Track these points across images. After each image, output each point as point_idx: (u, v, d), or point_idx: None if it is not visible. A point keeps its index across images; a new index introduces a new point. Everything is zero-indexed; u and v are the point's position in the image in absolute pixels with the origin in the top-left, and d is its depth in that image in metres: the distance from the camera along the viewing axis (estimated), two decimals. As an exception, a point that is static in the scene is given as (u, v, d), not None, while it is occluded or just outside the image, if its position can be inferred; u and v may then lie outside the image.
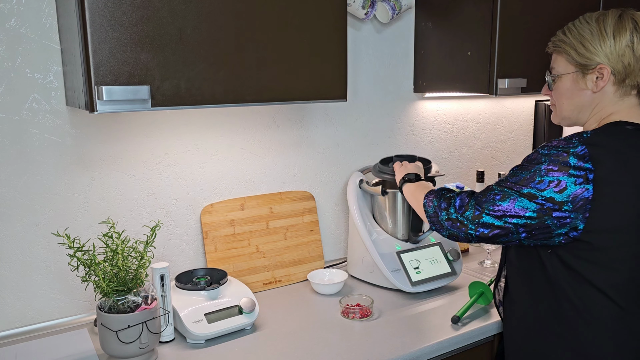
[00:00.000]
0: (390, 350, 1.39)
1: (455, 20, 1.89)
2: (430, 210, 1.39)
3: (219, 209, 1.74)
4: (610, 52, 1.23)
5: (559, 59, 1.32)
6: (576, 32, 1.27)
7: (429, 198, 1.41)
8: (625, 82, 1.25)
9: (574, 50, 1.27)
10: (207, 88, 1.31)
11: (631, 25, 1.22)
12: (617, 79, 1.25)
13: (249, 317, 1.49)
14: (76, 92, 1.32)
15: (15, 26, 1.40)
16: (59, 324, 1.54)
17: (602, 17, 1.26)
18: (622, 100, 1.27)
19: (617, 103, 1.27)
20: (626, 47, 1.22)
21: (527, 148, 2.53)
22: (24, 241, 1.49)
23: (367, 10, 1.85)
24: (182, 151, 1.69)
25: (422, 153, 2.19)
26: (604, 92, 1.27)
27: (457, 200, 1.33)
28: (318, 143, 1.94)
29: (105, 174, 1.57)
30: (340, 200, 2.01)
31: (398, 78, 2.07)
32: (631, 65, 1.23)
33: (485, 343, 1.54)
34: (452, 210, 1.32)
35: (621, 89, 1.26)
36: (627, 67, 1.23)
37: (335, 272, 1.81)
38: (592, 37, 1.25)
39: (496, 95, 1.80)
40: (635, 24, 1.23)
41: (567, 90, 1.31)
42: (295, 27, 1.41)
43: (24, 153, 1.46)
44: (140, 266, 1.33)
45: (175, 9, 1.25)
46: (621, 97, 1.27)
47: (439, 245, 1.82)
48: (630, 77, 1.24)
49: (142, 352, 1.31)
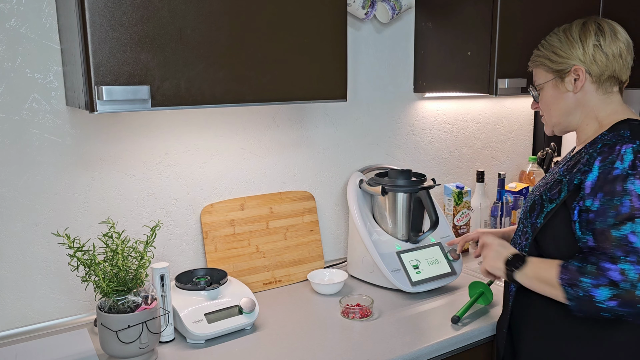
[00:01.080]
0: (390, 350, 1.39)
1: (455, 20, 1.89)
2: (581, 293, 1.18)
3: (219, 209, 1.74)
4: (581, 53, 1.32)
5: (537, 71, 1.42)
6: (547, 45, 1.38)
7: (570, 278, 1.20)
8: (602, 79, 1.33)
9: (548, 59, 1.37)
10: (207, 88, 1.31)
11: (594, 27, 1.32)
12: (593, 78, 1.33)
13: (249, 317, 1.49)
14: (76, 92, 1.32)
15: (15, 26, 1.40)
16: (59, 324, 1.54)
17: (567, 27, 1.37)
18: (608, 97, 1.35)
19: (605, 101, 1.35)
20: (594, 46, 1.31)
21: (527, 148, 2.53)
22: (23, 241, 1.49)
23: (367, 10, 1.85)
24: (182, 151, 1.69)
25: (422, 153, 2.19)
26: (585, 92, 1.34)
27: (607, 269, 1.16)
28: (318, 143, 1.94)
29: (105, 174, 1.57)
30: (340, 200, 2.01)
31: (398, 78, 2.07)
32: (603, 62, 1.31)
33: (485, 343, 1.54)
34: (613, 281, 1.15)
35: (601, 86, 1.34)
36: (601, 65, 1.32)
37: (335, 272, 1.81)
38: (562, 44, 1.35)
39: (496, 95, 1.80)
40: (598, 26, 1.32)
41: (550, 97, 1.39)
42: (295, 27, 1.41)
43: (24, 153, 1.46)
44: (140, 266, 1.33)
45: (175, 9, 1.25)
46: (605, 94, 1.35)
47: (439, 245, 1.82)
48: (605, 73, 1.32)
49: (142, 352, 1.31)
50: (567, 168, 1.33)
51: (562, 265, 1.23)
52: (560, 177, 1.33)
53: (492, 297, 1.62)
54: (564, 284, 1.20)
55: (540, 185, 1.41)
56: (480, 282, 1.63)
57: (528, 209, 1.39)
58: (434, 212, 1.80)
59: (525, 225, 1.40)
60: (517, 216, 2.11)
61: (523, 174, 2.43)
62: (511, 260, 1.34)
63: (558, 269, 1.23)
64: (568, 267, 1.21)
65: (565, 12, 1.84)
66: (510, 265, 1.34)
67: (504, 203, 2.12)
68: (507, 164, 2.47)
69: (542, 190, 1.37)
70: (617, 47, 1.31)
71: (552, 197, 1.32)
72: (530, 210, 1.38)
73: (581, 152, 1.33)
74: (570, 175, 1.29)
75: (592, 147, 1.30)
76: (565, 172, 1.32)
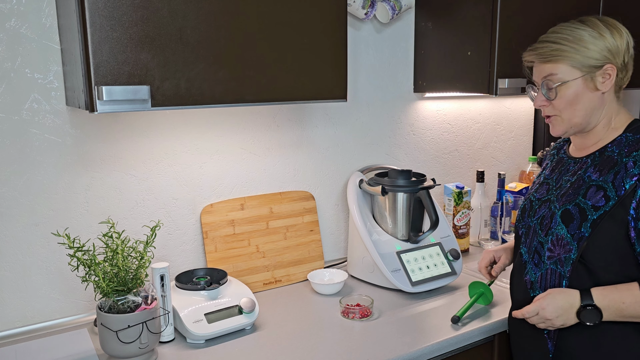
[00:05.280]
0: (390, 350, 1.39)
1: (455, 20, 1.89)
2: None
3: (219, 209, 1.74)
4: (613, 49, 1.26)
5: (558, 66, 1.28)
6: (571, 38, 1.27)
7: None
8: (624, 80, 1.30)
9: (577, 54, 1.26)
10: (207, 88, 1.31)
11: (621, 25, 1.28)
12: (618, 77, 1.29)
13: (249, 317, 1.49)
14: (76, 92, 1.32)
15: (15, 26, 1.40)
16: (59, 324, 1.54)
17: (587, 21, 1.29)
18: (618, 99, 1.33)
19: (616, 102, 1.33)
20: (627, 44, 1.28)
21: (527, 148, 2.53)
22: (23, 241, 1.49)
23: (367, 10, 1.85)
24: (182, 151, 1.69)
25: (422, 153, 2.19)
26: (609, 92, 1.30)
27: None
28: (318, 143, 1.94)
29: (105, 174, 1.57)
30: (340, 200, 2.01)
31: (398, 78, 2.07)
32: (626, 62, 1.29)
33: (485, 343, 1.54)
34: None
35: (616, 86, 1.31)
36: (626, 65, 1.29)
37: (335, 272, 1.81)
38: (594, 39, 1.26)
39: (496, 95, 1.80)
40: (622, 25, 1.29)
41: (576, 96, 1.28)
42: (296, 27, 1.41)
43: (24, 153, 1.46)
44: (140, 266, 1.33)
45: (175, 9, 1.25)
46: (616, 95, 1.33)
47: (439, 245, 1.82)
48: (627, 74, 1.30)
49: (142, 352, 1.31)
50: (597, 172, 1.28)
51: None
52: (597, 183, 1.27)
53: (492, 297, 1.62)
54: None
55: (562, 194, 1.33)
56: (480, 282, 1.63)
57: (559, 219, 1.30)
58: (434, 212, 1.80)
59: (559, 237, 1.30)
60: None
61: (523, 174, 2.43)
62: (584, 315, 1.23)
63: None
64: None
65: (565, 11, 1.84)
66: (586, 320, 1.24)
67: (504, 203, 2.12)
68: (507, 164, 2.47)
69: (573, 198, 1.30)
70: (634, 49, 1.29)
71: (595, 204, 1.25)
72: (565, 220, 1.29)
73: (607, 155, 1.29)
74: (614, 180, 1.24)
75: (629, 149, 1.26)
76: (601, 176, 1.27)
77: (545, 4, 1.84)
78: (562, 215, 1.30)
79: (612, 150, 1.29)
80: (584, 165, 1.33)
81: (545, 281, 1.33)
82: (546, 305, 1.26)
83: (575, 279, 1.28)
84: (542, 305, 1.27)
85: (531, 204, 1.42)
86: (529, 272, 1.38)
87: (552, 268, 1.31)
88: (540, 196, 1.41)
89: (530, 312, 1.29)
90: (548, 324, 1.28)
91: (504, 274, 1.79)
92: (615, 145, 1.29)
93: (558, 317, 1.25)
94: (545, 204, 1.37)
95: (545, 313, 1.26)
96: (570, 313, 1.25)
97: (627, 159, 1.25)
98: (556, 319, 1.26)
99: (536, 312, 1.28)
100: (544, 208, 1.37)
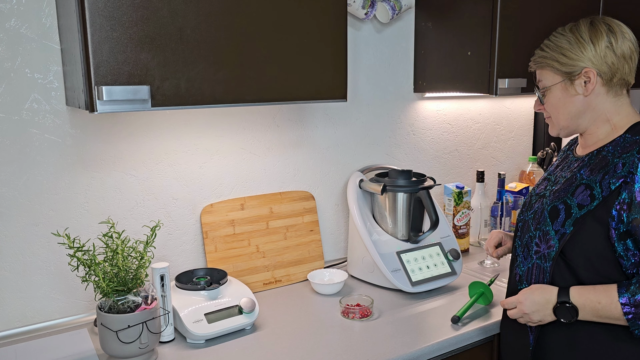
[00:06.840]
0: (390, 350, 1.39)
1: (455, 20, 1.89)
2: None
3: (219, 209, 1.74)
4: (592, 55, 1.27)
5: (544, 73, 1.35)
6: (554, 46, 1.32)
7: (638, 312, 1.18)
8: (613, 82, 1.29)
9: (556, 61, 1.31)
10: (207, 88, 1.31)
11: (605, 28, 1.28)
12: (604, 80, 1.29)
13: (249, 317, 1.49)
14: (76, 92, 1.32)
15: (15, 26, 1.40)
16: (59, 324, 1.54)
17: (575, 27, 1.31)
18: (619, 100, 1.31)
19: (616, 104, 1.31)
20: (606, 48, 1.27)
21: (527, 148, 2.53)
22: (23, 241, 1.49)
23: (367, 10, 1.85)
24: (182, 151, 1.69)
25: (422, 153, 2.19)
26: (596, 95, 1.30)
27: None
28: (318, 143, 1.94)
29: (105, 174, 1.57)
30: (340, 200, 2.01)
31: (398, 78, 2.07)
32: (615, 64, 1.28)
33: (485, 343, 1.54)
34: None
35: (612, 89, 1.30)
36: (612, 67, 1.28)
37: (335, 272, 1.81)
38: (571, 45, 1.30)
39: (496, 95, 1.80)
40: (608, 27, 1.28)
41: (559, 100, 1.33)
42: (296, 27, 1.41)
43: (24, 153, 1.46)
44: (140, 266, 1.33)
45: (175, 9, 1.25)
46: (615, 96, 1.31)
47: (439, 245, 1.82)
48: (617, 75, 1.28)
49: (142, 352, 1.31)
50: (588, 171, 1.28)
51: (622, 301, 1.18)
52: (586, 182, 1.27)
53: (492, 297, 1.62)
54: (634, 319, 1.18)
55: (554, 190, 1.35)
56: (480, 282, 1.63)
57: (547, 214, 1.32)
58: (434, 212, 1.81)
59: (545, 233, 1.31)
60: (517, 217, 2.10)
61: (523, 174, 2.43)
62: (561, 312, 1.25)
63: (619, 306, 1.18)
64: (630, 301, 1.17)
65: (565, 11, 1.85)
66: (561, 316, 1.26)
67: (504, 203, 2.12)
68: (507, 164, 2.47)
69: (562, 195, 1.30)
70: (627, 48, 1.27)
71: (581, 202, 1.26)
72: (552, 216, 1.30)
73: (602, 155, 1.29)
74: (602, 180, 1.24)
75: (622, 150, 1.25)
76: (591, 175, 1.27)
77: (545, 4, 1.84)
78: (550, 212, 1.32)
79: (608, 151, 1.29)
80: (581, 163, 1.34)
81: (531, 275, 1.35)
82: (524, 299, 1.30)
83: (558, 276, 1.29)
84: (519, 299, 1.31)
85: (530, 198, 1.44)
86: (519, 265, 1.40)
87: (538, 263, 1.33)
88: (539, 191, 1.43)
89: (508, 304, 1.35)
90: (526, 318, 1.31)
91: (504, 274, 1.80)
92: (612, 145, 1.29)
93: (534, 312, 1.29)
94: (540, 199, 1.39)
95: (523, 307, 1.30)
96: (547, 309, 1.27)
97: (617, 160, 1.25)
98: (532, 313, 1.29)
99: (514, 304, 1.33)
100: (538, 203, 1.38)
